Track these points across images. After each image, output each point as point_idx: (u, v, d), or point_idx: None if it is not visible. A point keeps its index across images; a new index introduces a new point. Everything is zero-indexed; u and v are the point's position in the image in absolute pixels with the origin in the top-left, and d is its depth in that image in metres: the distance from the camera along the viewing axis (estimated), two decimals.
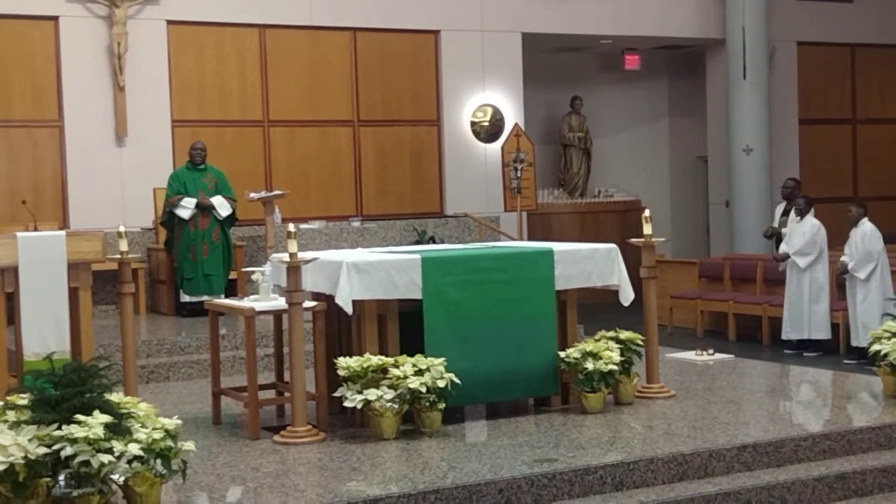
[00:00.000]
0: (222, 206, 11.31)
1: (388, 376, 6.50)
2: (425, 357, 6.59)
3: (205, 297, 11.02)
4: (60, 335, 6.68)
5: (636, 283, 7.51)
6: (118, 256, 7.08)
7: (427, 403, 6.52)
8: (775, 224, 12.94)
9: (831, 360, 11.21)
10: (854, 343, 11.09)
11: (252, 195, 12.04)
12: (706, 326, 13.53)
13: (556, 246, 7.38)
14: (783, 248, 11.89)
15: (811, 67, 17.61)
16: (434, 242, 13.28)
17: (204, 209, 11.21)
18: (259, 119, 13.65)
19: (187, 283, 11.27)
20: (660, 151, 18.74)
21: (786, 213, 12.68)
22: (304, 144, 13.92)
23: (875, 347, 7.25)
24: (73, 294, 6.83)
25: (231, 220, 11.49)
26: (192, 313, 11.24)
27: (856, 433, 6.50)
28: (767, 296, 12.92)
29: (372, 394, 6.43)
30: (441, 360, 6.57)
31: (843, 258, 11.27)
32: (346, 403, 6.53)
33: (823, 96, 17.83)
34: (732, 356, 9.51)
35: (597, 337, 7.36)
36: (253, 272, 7.11)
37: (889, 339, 7.15)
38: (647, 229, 7.51)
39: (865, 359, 9.89)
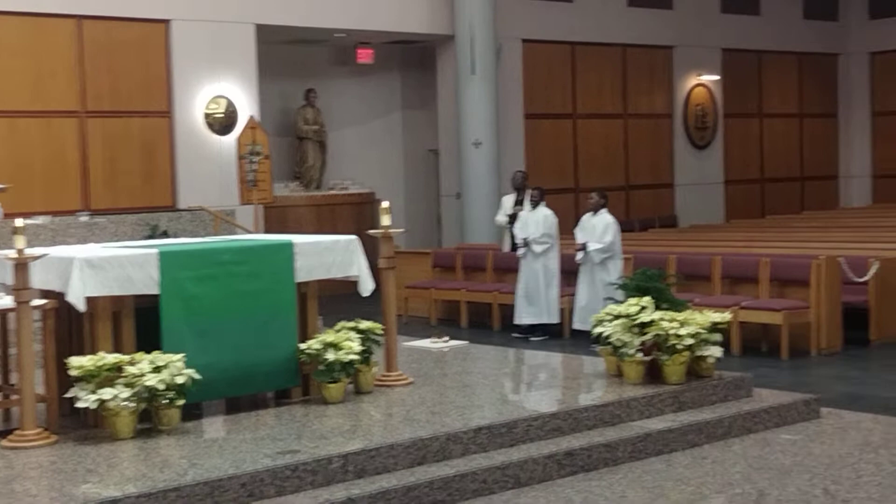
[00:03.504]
0: None
1: (123, 374, 6.34)
2: (163, 353, 6.48)
3: None
4: None
5: (374, 273, 7.63)
6: None
7: (165, 401, 6.40)
8: (507, 213, 13.38)
9: (557, 343, 11.79)
10: (577, 326, 11.68)
11: None
12: (440, 314, 13.91)
13: (297, 238, 7.39)
14: (517, 233, 12.36)
15: (535, 64, 18.39)
16: (167, 237, 12.97)
17: None
18: None
19: None
20: (394, 144, 19.05)
21: (518, 202, 13.22)
22: (26, 136, 13.29)
23: (598, 329, 7.68)
24: None
25: None
26: None
27: (582, 411, 6.86)
28: (498, 283, 13.43)
29: (107, 393, 6.24)
30: (180, 356, 6.46)
31: (584, 244, 11.66)
32: (80, 404, 6.32)
33: (546, 92, 18.66)
34: (466, 342, 9.80)
35: (337, 328, 7.43)
36: None
37: (611, 321, 7.59)
38: (386, 220, 7.65)
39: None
